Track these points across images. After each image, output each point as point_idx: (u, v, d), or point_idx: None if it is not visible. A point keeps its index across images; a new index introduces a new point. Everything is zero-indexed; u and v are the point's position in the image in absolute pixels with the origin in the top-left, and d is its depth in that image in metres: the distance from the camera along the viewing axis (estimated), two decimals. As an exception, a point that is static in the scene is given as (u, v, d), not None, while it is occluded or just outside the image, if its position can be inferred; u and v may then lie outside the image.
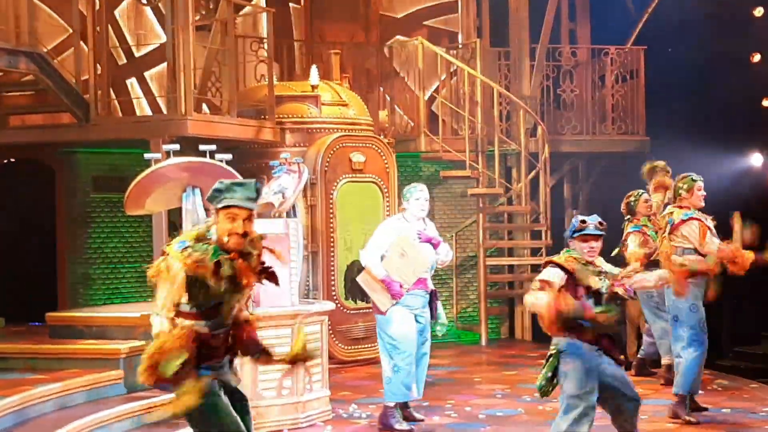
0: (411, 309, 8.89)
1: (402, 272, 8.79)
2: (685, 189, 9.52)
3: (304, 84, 12.81)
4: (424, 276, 8.94)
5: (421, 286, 8.94)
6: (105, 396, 8.64)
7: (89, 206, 12.87)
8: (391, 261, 8.79)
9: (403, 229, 8.89)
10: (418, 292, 8.92)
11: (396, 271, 8.78)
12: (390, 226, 9.02)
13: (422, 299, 8.97)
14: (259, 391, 8.89)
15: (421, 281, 8.93)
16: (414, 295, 8.89)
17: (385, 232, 8.92)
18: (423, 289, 8.97)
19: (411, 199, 8.95)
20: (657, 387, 10.86)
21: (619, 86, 15.92)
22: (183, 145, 9.75)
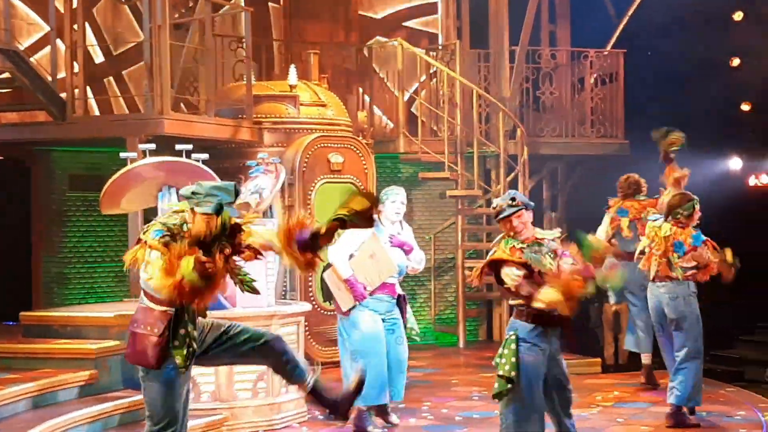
0: (376, 313, 8.81)
1: (368, 274, 8.71)
2: (685, 215, 9.45)
3: (282, 84, 12.76)
4: (391, 281, 8.87)
5: (386, 291, 8.86)
6: (79, 396, 8.58)
7: (65, 205, 12.79)
8: (359, 261, 8.72)
9: (376, 231, 8.80)
10: (383, 296, 8.85)
11: (362, 272, 8.70)
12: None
13: (387, 304, 8.89)
14: (234, 391, 8.86)
15: (388, 286, 8.86)
16: (378, 299, 8.82)
17: (356, 232, 8.83)
18: (389, 294, 8.88)
19: (387, 202, 8.90)
20: (632, 390, 10.86)
21: (598, 89, 15.93)
22: (159, 145, 9.69)
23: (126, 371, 8.93)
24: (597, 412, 9.66)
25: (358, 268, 8.71)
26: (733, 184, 17.36)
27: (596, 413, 9.59)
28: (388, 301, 8.89)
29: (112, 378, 8.91)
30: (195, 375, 8.80)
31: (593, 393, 10.57)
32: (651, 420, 9.26)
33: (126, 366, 8.92)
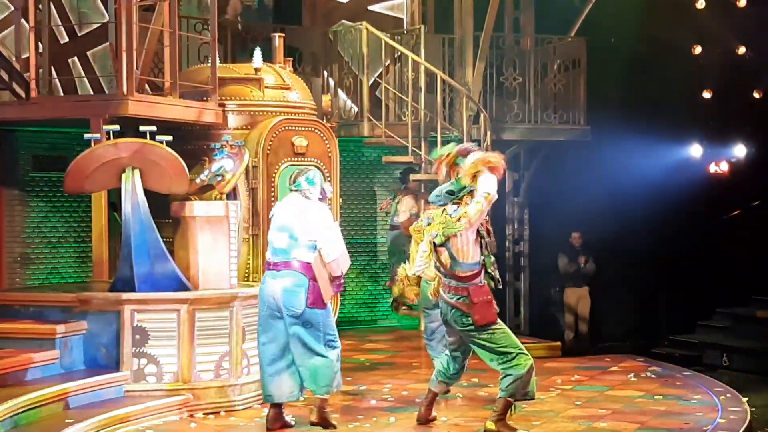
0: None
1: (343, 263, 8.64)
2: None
3: (247, 66, 12.75)
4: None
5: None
6: (40, 376, 8.60)
7: (28, 185, 12.74)
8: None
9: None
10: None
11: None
12: (329, 214, 8.72)
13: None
14: (196, 372, 8.91)
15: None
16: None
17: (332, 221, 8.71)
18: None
19: (326, 185, 8.87)
20: (592, 373, 10.98)
21: (561, 75, 16.04)
22: (124, 126, 9.69)
23: (88, 351, 8.96)
24: (556, 395, 9.78)
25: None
26: (694, 171, 17.56)
27: (555, 396, 9.71)
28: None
29: (74, 358, 8.93)
30: (157, 355, 8.87)
31: (553, 376, 10.70)
32: (609, 403, 9.38)
33: (88, 346, 8.96)
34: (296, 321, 8.35)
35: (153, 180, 9.07)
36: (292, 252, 8.35)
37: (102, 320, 8.95)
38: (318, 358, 8.37)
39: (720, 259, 17.08)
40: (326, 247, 8.37)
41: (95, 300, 9.04)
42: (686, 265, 17.19)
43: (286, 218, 8.48)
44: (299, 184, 8.58)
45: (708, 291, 16.91)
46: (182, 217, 9.21)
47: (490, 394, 9.78)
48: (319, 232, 8.38)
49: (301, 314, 8.34)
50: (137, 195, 8.93)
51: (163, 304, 8.91)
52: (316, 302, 8.37)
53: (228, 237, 9.28)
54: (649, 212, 16.58)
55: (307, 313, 8.34)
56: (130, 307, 8.86)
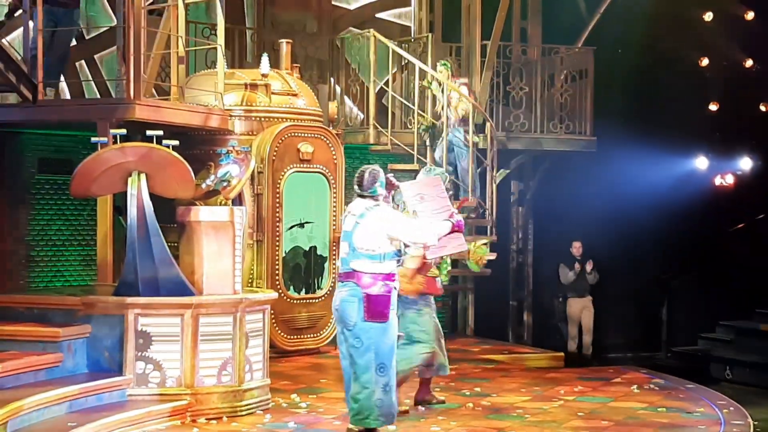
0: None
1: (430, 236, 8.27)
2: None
3: (254, 72, 12.78)
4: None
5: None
6: (44, 379, 8.59)
7: (34, 188, 12.75)
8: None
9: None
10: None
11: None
12: (392, 211, 8.36)
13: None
14: (199, 377, 8.89)
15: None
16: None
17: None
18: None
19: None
20: (595, 384, 10.96)
21: (568, 85, 16.03)
22: (130, 130, 9.70)
23: (91, 355, 8.95)
24: (558, 405, 9.76)
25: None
26: (699, 184, 17.55)
27: (557, 407, 9.69)
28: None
29: (77, 361, 8.92)
30: (160, 359, 8.86)
31: (555, 387, 10.68)
32: (612, 415, 9.36)
33: (92, 350, 8.96)
34: (349, 335, 7.96)
35: (159, 184, 9.06)
36: (351, 262, 7.99)
37: (106, 324, 8.94)
38: (360, 386, 7.96)
39: (724, 271, 17.06)
40: (414, 239, 8.08)
41: (99, 303, 9.03)
42: (690, 277, 17.18)
43: (348, 226, 8.09)
44: (375, 191, 8.11)
45: (711, 304, 16.89)
46: (187, 222, 9.20)
47: (493, 403, 9.77)
48: (395, 233, 7.99)
49: (353, 328, 7.93)
50: (143, 199, 8.91)
51: (167, 309, 8.90)
52: (373, 315, 7.89)
53: (233, 242, 9.26)
54: (654, 224, 16.58)
55: (359, 328, 7.91)
56: (134, 311, 8.84)
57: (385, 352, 7.94)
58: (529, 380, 11.12)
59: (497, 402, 9.85)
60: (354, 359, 7.95)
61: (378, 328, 7.91)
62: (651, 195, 16.46)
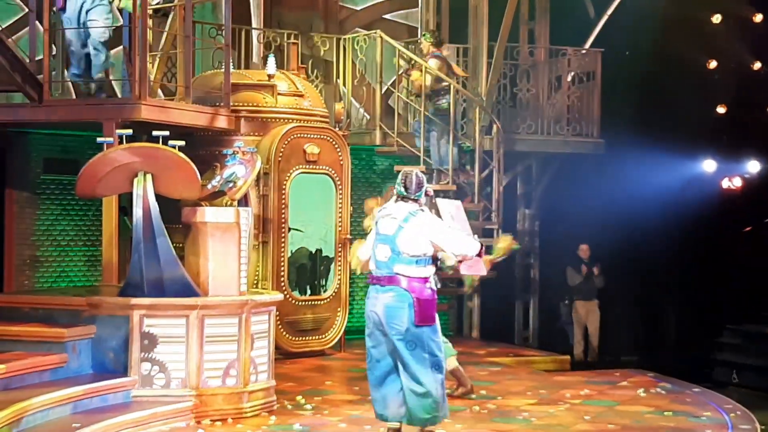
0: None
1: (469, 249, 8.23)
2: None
3: (260, 73, 12.76)
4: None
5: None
6: (48, 379, 8.57)
7: (39, 188, 12.75)
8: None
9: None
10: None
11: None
12: (435, 218, 8.27)
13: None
14: (203, 378, 8.87)
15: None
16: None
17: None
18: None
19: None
20: (601, 387, 10.92)
21: (575, 88, 15.99)
22: (136, 130, 9.67)
23: (96, 355, 8.93)
24: (564, 409, 9.72)
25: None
26: (707, 187, 17.49)
27: (564, 410, 9.65)
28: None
29: (82, 362, 8.90)
30: (165, 361, 8.83)
31: (562, 390, 10.64)
32: (618, 419, 9.32)
33: (96, 350, 8.94)
34: (401, 340, 7.90)
35: (164, 185, 9.04)
36: (394, 266, 7.90)
37: (111, 325, 8.92)
38: (420, 387, 7.90)
39: (731, 275, 17.01)
40: (455, 250, 7.99)
41: (105, 304, 9.01)
42: (697, 281, 17.12)
43: (389, 229, 7.96)
44: (420, 195, 8.03)
45: (719, 307, 16.84)
46: (193, 223, 9.18)
47: (499, 406, 9.74)
48: (439, 242, 7.95)
49: (405, 333, 7.88)
50: (148, 200, 8.89)
51: (173, 310, 8.87)
52: (424, 319, 7.90)
53: (238, 244, 9.23)
54: (661, 227, 16.53)
55: (411, 332, 7.88)
56: (139, 312, 8.82)
57: (438, 351, 8.00)
58: (535, 383, 11.08)
59: (503, 405, 9.82)
60: (409, 363, 7.91)
61: (429, 330, 7.94)
62: (658, 197, 16.41)
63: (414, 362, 7.90)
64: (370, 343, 8.09)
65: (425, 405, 7.94)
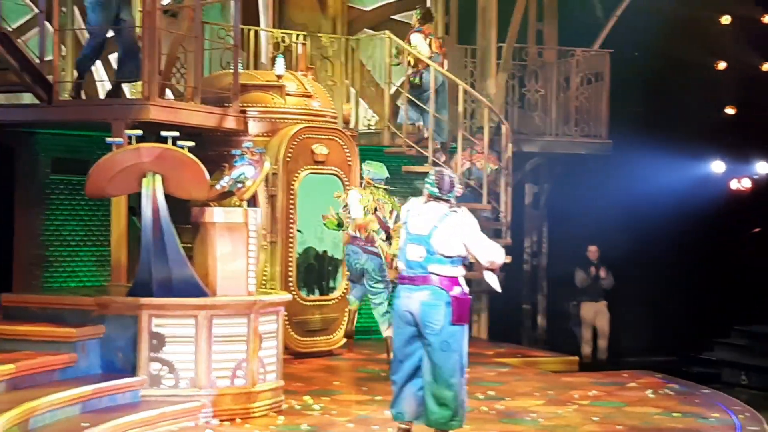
0: None
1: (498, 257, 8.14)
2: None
3: (269, 73, 12.78)
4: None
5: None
6: (57, 379, 8.59)
7: (48, 188, 12.78)
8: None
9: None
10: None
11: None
12: (472, 219, 8.14)
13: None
14: (212, 378, 8.88)
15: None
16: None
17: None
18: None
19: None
20: (609, 389, 10.92)
21: (583, 88, 15.99)
22: (145, 131, 9.69)
23: (105, 355, 8.95)
24: (573, 410, 9.71)
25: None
26: (715, 187, 17.48)
27: (572, 411, 9.65)
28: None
29: (91, 362, 8.91)
30: (174, 361, 8.84)
31: (570, 391, 10.63)
32: (627, 420, 9.32)
33: (105, 350, 8.95)
34: (434, 339, 7.82)
35: (173, 185, 9.05)
36: (429, 266, 7.83)
37: (120, 324, 8.93)
38: (447, 389, 7.84)
39: (740, 276, 16.99)
40: (484, 256, 7.94)
41: (114, 304, 9.02)
42: (705, 282, 17.11)
43: (423, 229, 7.88)
44: (452, 195, 7.96)
45: (726, 308, 16.81)
46: (202, 223, 9.19)
47: (507, 407, 9.74)
48: (471, 244, 7.89)
49: (441, 331, 7.81)
50: (157, 200, 8.90)
51: (181, 310, 8.88)
52: (460, 319, 7.86)
53: (247, 244, 9.24)
54: (669, 228, 16.51)
55: (446, 331, 7.82)
56: (148, 312, 8.83)
57: (466, 353, 7.99)
58: (543, 384, 11.07)
59: (511, 406, 9.82)
60: (439, 363, 7.84)
61: (461, 330, 7.91)
62: (667, 198, 16.40)
63: (444, 363, 7.83)
64: (397, 342, 8.03)
65: (448, 407, 7.87)
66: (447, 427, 7.95)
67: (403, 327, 7.95)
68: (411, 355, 7.95)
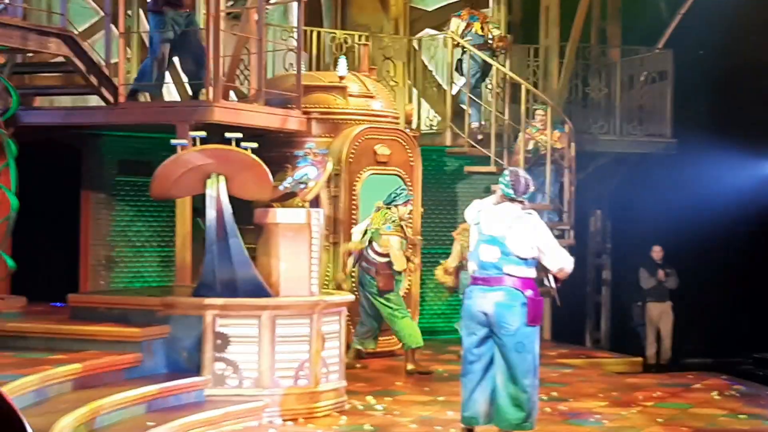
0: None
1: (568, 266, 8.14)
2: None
3: (331, 74, 12.83)
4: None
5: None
6: (123, 378, 8.69)
7: (114, 189, 12.93)
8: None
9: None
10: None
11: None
12: (542, 223, 8.12)
13: None
14: (275, 378, 8.93)
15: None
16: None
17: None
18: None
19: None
20: (674, 390, 10.82)
21: (647, 87, 15.86)
22: (209, 132, 9.77)
23: (170, 355, 9.03)
24: (637, 411, 9.64)
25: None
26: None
27: (636, 413, 9.58)
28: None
29: (156, 362, 9.00)
30: (238, 361, 8.90)
31: (634, 392, 10.55)
32: (692, 421, 9.23)
33: (170, 350, 9.03)
34: (509, 340, 7.77)
35: (237, 186, 9.12)
36: (504, 267, 7.77)
37: (184, 324, 9.01)
38: (521, 392, 7.79)
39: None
40: (554, 261, 7.91)
41: (178, 304, 9.11)
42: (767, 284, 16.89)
43: (498, 230, 7.82)
44: (528, 196, 7.97)
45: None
46: (265, 224, 9.25)
47: (571, 408, 9.69)
48: (544, 248, 7.86)
49: (516, 332, 7.74)
50: (221, 201, 8.97)
51: (245, 310, 8.95)
52: (534, 319, 7.80)
53: (309, 245, 9.29)
54: (734, 228, 16.33)
55: (521, 332, 7.75)
56: (212, 312, 8.90)
57: (538, 354, 7.94)
58: (606, 385, 11.00)
59: (575, 407, 9.77)
60: (514, 364, 7.80)
61: (534, 331, 7.87)
62: (732, 198, 16.22)
63: (519, 364, 7.78)
64: (467, 343, 7.95)
65: (522, 408, 7.82)
66: (520, 428, 7.89)
67: (474, 328, 7.89)
68: (482, 357, 7.89)
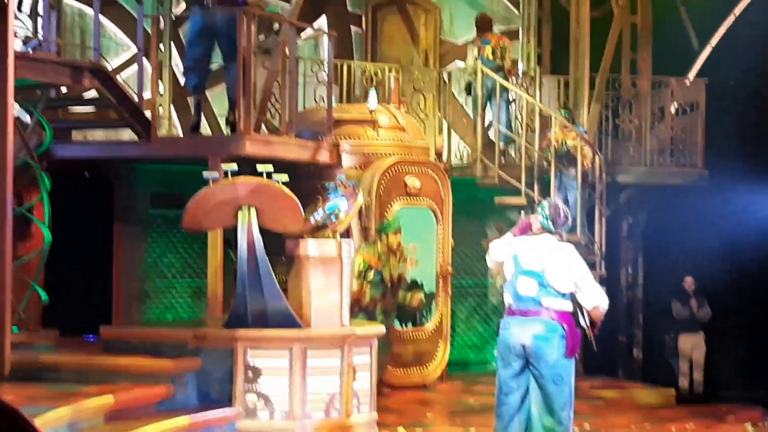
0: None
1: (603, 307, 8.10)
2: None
3: (362, 106, 12.87)
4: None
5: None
6: (155, 411, 8.71)
7: (146, 222, 13.00)
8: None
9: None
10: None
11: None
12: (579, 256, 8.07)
13: None
14: (307, 410, 8.92)
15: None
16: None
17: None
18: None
19: None
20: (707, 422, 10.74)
21: (678, 118, 15.82)
22: (241, 165, 9.84)
23: (201, 387, 9.05)
24: (670, 443, 9.59)
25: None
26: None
27: (669, 445, 9.53)
28: None
29: (188, 394, 9.02)
30: (269, 393, 8.90)
31: (667, 424, 10.49)
32: (725, 453, 9.18)
33: (201, 382, 9.06)
34: (547, 372, 7.72)
35: (269, 218, 9.16)
36: (542, 300, 7.73)
37: (216, 357, 9.03)
38: (558, 425, 7.73)
39: None
40: (590, 298, 7.82)
41: (210, 337, 9.14)
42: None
43: (535, 263, 7.77)
44: (567, 227, 7.98)
45: None
46: (296, 256, 9.28)
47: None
48: (581, 283, 7.79)
49: (554, 365, 7.70)
50: (253, 233, 9.01)
51: (276, 342, 8.97)
52: (573, 352, 7.79)
53: (341, 276, 9.30)
54: (766, 258, 16.22)
55: (560, 365, 7.72)
56: (243, 344, 8.92)
57: (574, 386, 7.91)
58: (639, 417, 10.94)
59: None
60: (552, 395, 7.74)
61: (571, 363, 7.84)
62: (765, 228, 16.13)
63: (557, 396, 7.73)
64: (503, 376, 7.88)
65: None
66: None
67: (511, 359, 7.81)
68: (519, 388, 7.82)
